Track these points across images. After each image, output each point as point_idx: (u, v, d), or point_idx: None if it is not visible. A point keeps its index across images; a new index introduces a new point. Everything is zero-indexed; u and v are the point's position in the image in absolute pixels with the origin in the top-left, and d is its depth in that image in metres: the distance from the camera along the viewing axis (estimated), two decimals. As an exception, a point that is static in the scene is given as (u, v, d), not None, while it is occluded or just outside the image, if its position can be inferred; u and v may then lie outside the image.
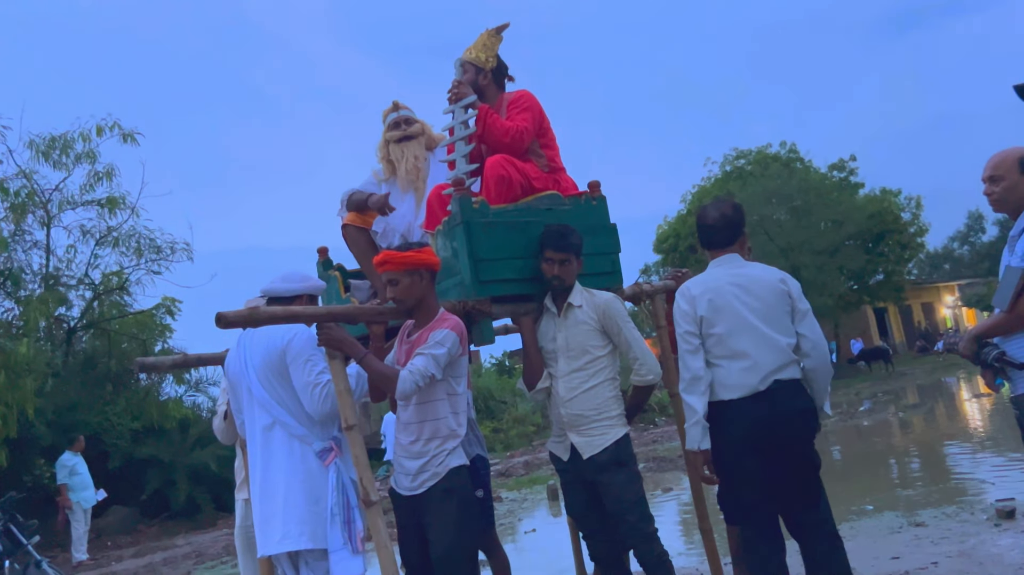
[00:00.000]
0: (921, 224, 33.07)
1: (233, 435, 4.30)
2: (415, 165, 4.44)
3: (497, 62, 4.24)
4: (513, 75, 4.33)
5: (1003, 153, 3.29)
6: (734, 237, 3.68)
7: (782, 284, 3.55)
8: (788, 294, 3.53)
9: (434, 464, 3.40)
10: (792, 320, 3.51)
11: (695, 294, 3.54)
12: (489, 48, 4.22)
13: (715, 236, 3.67)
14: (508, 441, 20.56)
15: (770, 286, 3.53)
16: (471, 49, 4.22)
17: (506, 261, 3.81)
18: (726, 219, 3.66)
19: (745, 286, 3.52)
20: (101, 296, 16.16)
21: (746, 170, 32.83)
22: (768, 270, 3.64)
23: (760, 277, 3.56)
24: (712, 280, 3.57)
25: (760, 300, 3.49)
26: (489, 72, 4.21)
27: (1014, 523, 5.80)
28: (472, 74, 4.18)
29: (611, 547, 3.83)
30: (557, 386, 3.79)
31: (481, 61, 4.19)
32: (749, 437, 3.41)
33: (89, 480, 12.21)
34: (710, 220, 3.68)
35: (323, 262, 4.62)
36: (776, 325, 3.48)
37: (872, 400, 19.77)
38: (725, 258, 3.65)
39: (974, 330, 3.31)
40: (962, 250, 58.17)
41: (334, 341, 3.29)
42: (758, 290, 3.51)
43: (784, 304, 3.52)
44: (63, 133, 15.33)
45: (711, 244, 3.69)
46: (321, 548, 3.47)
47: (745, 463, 3.43)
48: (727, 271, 3.59)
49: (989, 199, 3.34)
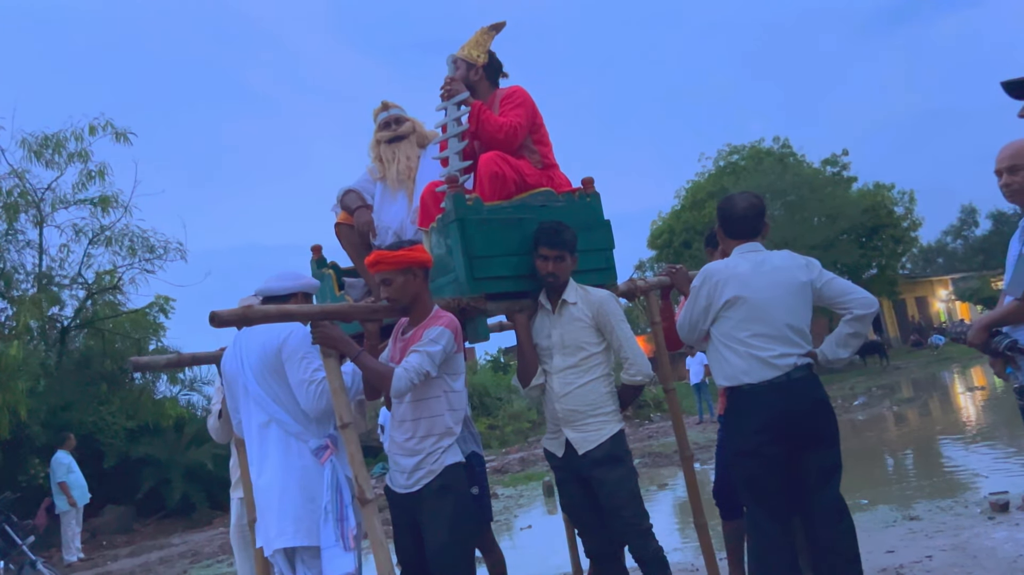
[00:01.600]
0: (914, 218, 33.14)
1: (228, 434, 4.29)
2: (407, 165, 4.43)
3: (489, 58, 4.23)
4: (507, 72, 4.33)
5: (1018, 143, 3.28)
6: (760, 227, 3.71)
7: (804, 273, 3.57)
8: (811, 283, 3.56)
9: (429, 462, 3.40)
10: (822, 300, 3.55)
11: (719, 278, 3.56)
12: (482, 45, 4.21)
13: (744, 226, 3.69)
14: (504, 437, 20.57)
15: (793, 275, 3.56)
16: (465, 46, 4.23)
17: (500, 258, 3.81)
18: (756, 209, 3.69)
19: (769, 274, 3.54)
20: (94, 295, 16.11)
21: (740, 165, 32.84)
22: (793, 257, 3.65)
23: (784, 266, 3.59)
24: (737, 267, 3.58)
25: (783, 288, 3.52)
26: (481, 68, 4.20)
27: (1008, 516, 5.82)
28: (464, 70, 4.18)
29: (606, 543, 3.83)
30: (552, 382, 3.79)
31: (473, 57, 4.19)
32: (768, 422, 3.43)
33: (82, 479, 12.18)
34: (740, 211, 3.69)
35: (317, 260, 4.61)
36: (797, 314, 3.52)
37: (867, 394, 19.82)
38: (749, 246, 3.67)
39: (985, 318, 3.29)
40: (955, 244, 58.37)
41: (329, 339, 3.28)
42: (782, 278, 3.54)
43: (806, 293, 3.56)
44: (56, 132, 15.29)
45: (738, 234, 3.70)
46: (316, 545, 3.47)
47: (768, 450, 3.44)
48: (752, 258, 3.61)
49: (1006, 190, 3.30)
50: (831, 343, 3.60)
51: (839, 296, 3.57)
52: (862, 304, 3.54)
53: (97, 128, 15.41)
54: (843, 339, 3.59)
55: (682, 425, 4.46)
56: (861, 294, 3.57)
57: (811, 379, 3.53)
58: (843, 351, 3.60)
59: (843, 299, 3.56)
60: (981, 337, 3.24)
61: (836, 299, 3.57)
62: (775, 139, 33.52)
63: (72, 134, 15.33)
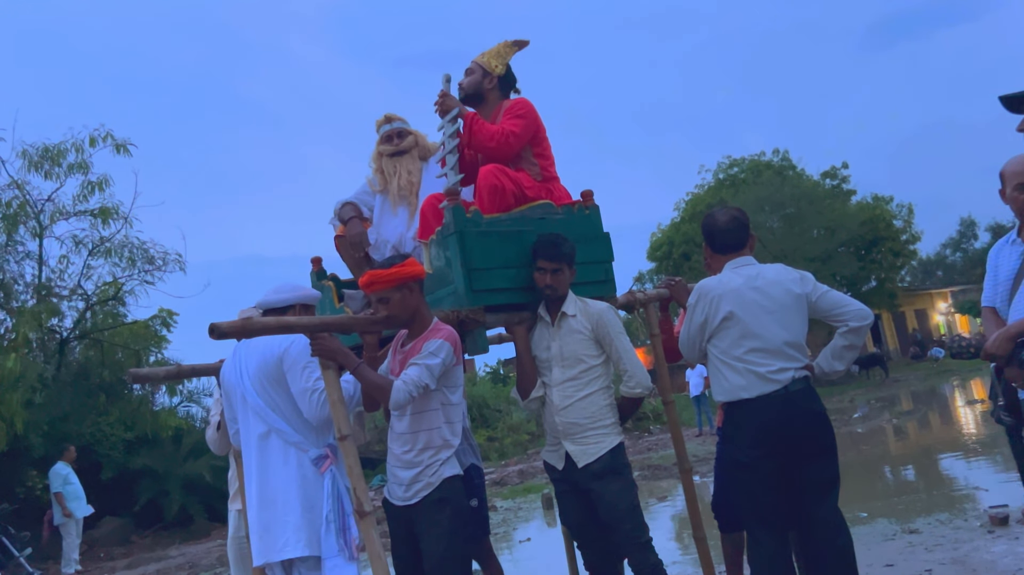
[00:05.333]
0: (913, 231, 33.21)
1: (226, 445, 4.29)
2: (408, 180, 4.44)
3: (506, 71, 4.26)
4: (520, 89, 4.35)
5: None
6: (746, 238, 3.72)
7: (798, 286, 3.58)
8: (805, 296, 3.57)
9: (427, 474, 3.39)
10: (817, 312, 3.57)
11: (716, 295, 3.56)
12: (502, 56, 4.25)
13: (729, 239, 3.71)
14: (503, 450, 20.52)
15: (787, 289, 3.57)
16: (485, 53, 4.26)
17: (499, 270, 3.81)
18: (737, 222, 3.71)
19: (763, 289, 3.55)
20: (94, 307, 16.11)
21: (739, 178, 32.94)
22: (787, 271, 3.66)
23: (777, 280, 3.59)
24: (731, 282, 3.59)
25: (777, 302, 3.53)
26: (496, 78, 4.23)
27: (1007, 530, 5.81)
28: (479, 75, 4.20)
29: (606, 556, 3.83)
30: (551, 395, 3.79)
31: (491, 66, 4.22)
32: (764, 435, 3.44)
33: (81, 491, 12.13)
34: (721, 224, 3.71)
35: (317, 272, 4.61)
36: (792, 328, 3.53)
37: (867, 406, 19.80)
38: (740, 260, 3.69)
39: (1012, 329, 3.17)
40: (955, 257, 58.39)
41: (328, 351, 3.28)
42: (776, 293, 3.55)
43: (801, 305, 3.57)
44: (56, 143, 15.30)
45: (724, 248, 3.72)
46: (316, 555, 3.46)
47: (764, 464, 3.45)
48: (745, 273, 3.62)
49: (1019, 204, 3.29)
50: (827, 356, 3.61)
51: (834, 309, 3.57)
52: (857, 316, 3.54)
53: (97, 139, 15.44)
54: (838, 351, 3.60)
55: (681, 437, 4.46)
56: (856, 306, 3.58)
57: (808, 392, 3.53)
58: (839, 363, 3.60)
59: (838, 311, 3.57)
60: (1007, 348, 3.14)
61: (831, 312, 3.58)
62: (775, 152, 33.70)
63: (72, 145, 15.36)
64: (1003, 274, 3.40)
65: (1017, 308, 3.24)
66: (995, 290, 3.43)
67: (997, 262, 3.45)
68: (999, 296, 3.41)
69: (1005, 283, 3.37)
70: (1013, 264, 3.34)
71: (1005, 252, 3.42)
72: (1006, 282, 3.36)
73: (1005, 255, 3.42)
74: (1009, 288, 3.33)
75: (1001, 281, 3.40)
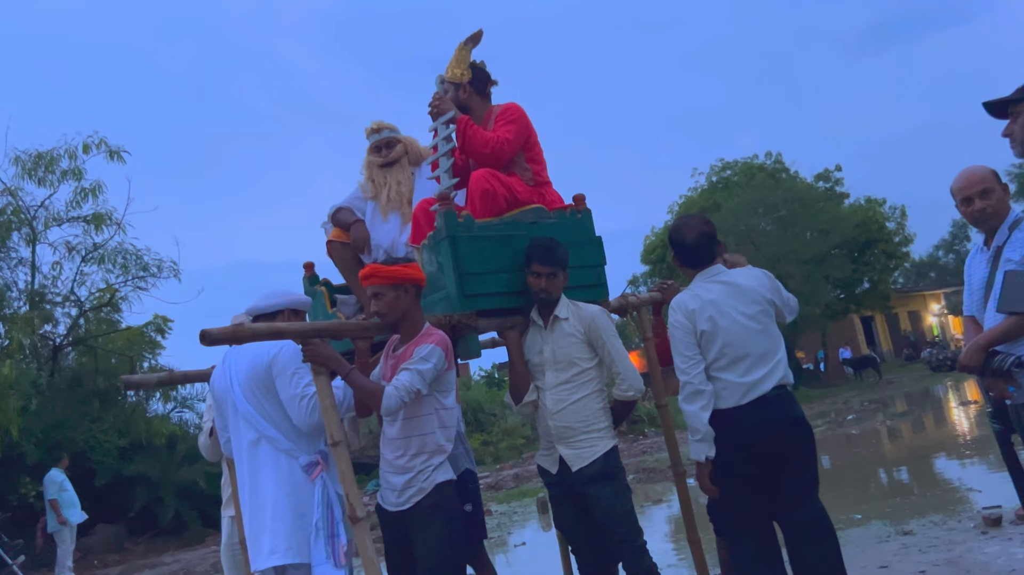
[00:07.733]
0: (906, 233, 33.27)
1: (218, 452, 4.28)
2: (398, 191, 4.43)
3: (474, 72, 4.20)
4: (496, 79, 4.29)
5: (979, 169, 3.35)
6: (715, 250, 3.72)
7: (766, 289, 3.63)
8: (772, 300, 3.63)
9: (420, 479, 3.39)
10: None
11: (693, 308, 3.56)
12: (462, 61, 4.18)
13: (698, 255, 3.69)
14: (498, 454, 20.52)
15: (758, 294, 3.59)
16: (448, 67, 4.20)
17: (492, 275, 3.81)
18: (706, 237, 3.68)
19: (738, 296, 3.57)
20: (87, 313, 16.06)
21: (732, 181, 32.96)
22: (752, 275, 3.68)
23: (749, 286, 3.61)
24: (706, 293, 3.58)
25: (753, 308, 3.55)
26: (467, 85, 4.19)
27: (1001, 531, 5.82)
28: (453, 91, 4.18)
29: (600, 560, 3.82)
30: (545, 399, 3.79)
31: (457, 77, 4.18)
32: (744, 441, 3.45)
33: (76, 498, 12.07)
34: (690, 242, 3.68)
35: (309, 277, 4.61)
36: (770, 333, 3.57)
37: (860, 408, 19.83)
38: (711, 270, 3.68)
39: (982, 340, 3.23)
40: (947, 258, 58.59)
41: (319, 357, 3.27)
42: (750, 299, 3.57)
43: (772, 308, 3.63)
44: (49, 150, 15.30)
45: (695, 263, 3.71)
46: (306, 563, 3.45)
47: (743, 469, 3.46)
48: (718, 282, 3.62)
49: (981, 215, 3.33)
50: None
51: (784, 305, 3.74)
52: (792, 311, 3.77)
53: (91, 146, 15.44)
54: None
55: (675, 441, 4.46)
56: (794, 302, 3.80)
57: (786, 397, 3.55)
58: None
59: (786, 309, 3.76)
60: (978, 358, 3.20)
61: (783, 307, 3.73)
62: (768, 154, 33.67)
63: (66, 152, 15.35)
64: (976, 282, 3.44)
65: (990, 315, 3.27)
66: (971, 298, 3.49)
67: (971, 271, 3.51)
68: (975, 304, 3.45)
69: (979, 291, 3.41)
70: (983, 272, 3.37)
71: (976, 260, 3.47)
72: (979, 290, 3.40)
73: (976, 263, 3.46)
74: (982, 296, 3.36)
75: (975, 289, 3.44)
